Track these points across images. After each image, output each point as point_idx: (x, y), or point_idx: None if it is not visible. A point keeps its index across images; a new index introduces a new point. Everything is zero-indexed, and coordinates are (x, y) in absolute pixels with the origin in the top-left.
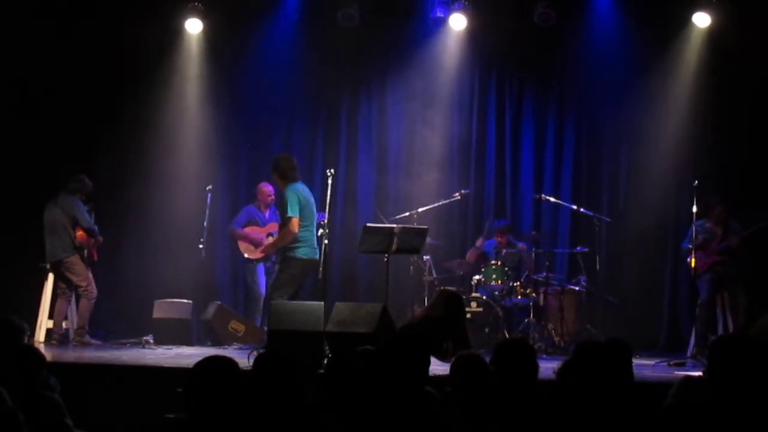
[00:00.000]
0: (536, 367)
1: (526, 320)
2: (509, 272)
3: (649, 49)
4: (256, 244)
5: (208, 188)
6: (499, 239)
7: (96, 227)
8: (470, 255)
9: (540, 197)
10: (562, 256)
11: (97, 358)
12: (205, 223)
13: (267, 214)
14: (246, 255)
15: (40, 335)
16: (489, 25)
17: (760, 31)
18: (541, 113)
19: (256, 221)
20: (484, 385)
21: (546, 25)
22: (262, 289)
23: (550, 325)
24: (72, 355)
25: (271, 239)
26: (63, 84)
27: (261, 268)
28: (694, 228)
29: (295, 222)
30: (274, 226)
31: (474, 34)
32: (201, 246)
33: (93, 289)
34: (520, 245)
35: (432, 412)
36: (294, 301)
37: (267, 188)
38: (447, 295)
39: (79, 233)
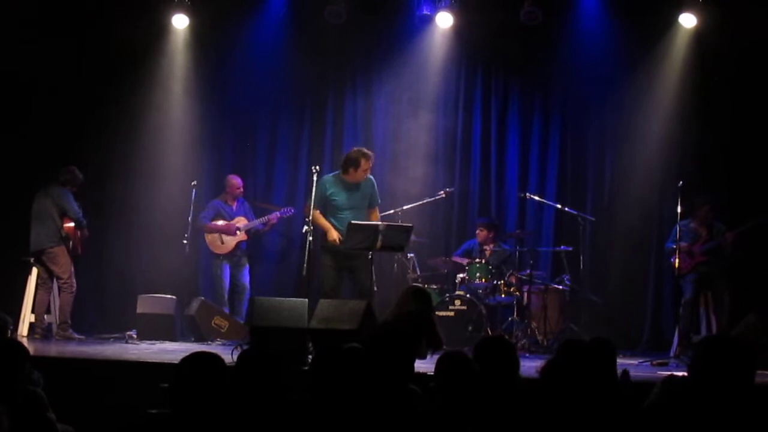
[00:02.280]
0: (517, 363)
1: (509, 319)
2: (493, 270)
3: (635, 49)
4: (231, 233)
5: (193, 184)
6: (480, 232)
7: (84, 220)
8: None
9: (525, 195)
10: (546, 255)
11: (81, 353)
12: (189, 219)
13: (235, 206)
14: (212, 250)
15: (24, 329)
16: (475, 23)
17: (746, 32)
18: (526, 112)
19: (222, 215)
20: (468, 381)
21: (532, 23)
22: (227, 283)
23: (534, 324)
24: (55, 349)
25: (239, 233)
26: (49, 78)
27: (228, 260)
28: (678, 228)
29: None
30: (241, 220)
31: (460, 32)
32: (185, 242)
33: (72, 282)
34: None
35: (416, 408)
36: (278, 298)
37: (236, 180)
38: (414, 290)
39: (67, 225)
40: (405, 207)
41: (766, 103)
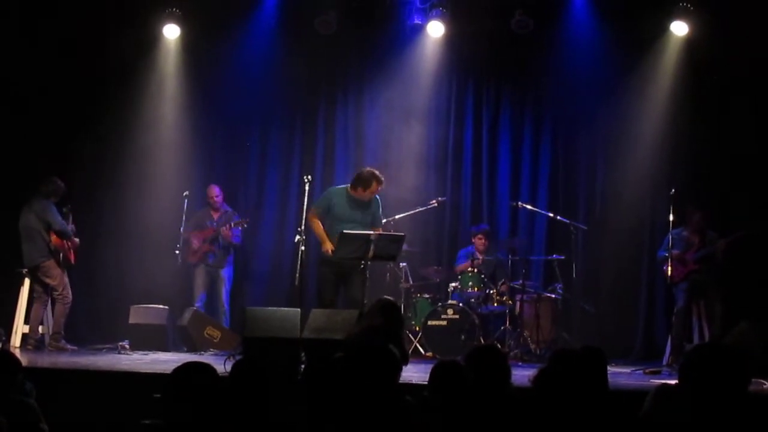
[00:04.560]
0: (508, 372)
1: (502, 328)
2: (485, 279)
3: (627, 57)
4: (191, 244)
5: (184, 194)
6: (479, 240)
7: (69, 229)
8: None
9: (516, 204)
10: (538, 264)
11: (73, 363)
12: (181, 229)
13: (216, 216)
14: (186, 258)
15: (16, 340)
16: (466, 32)
17: (738, 40)
18: (518, 120)
19: (201, 225)
20: (462, 390)
21: (523, 32)
22: (198, 291)
23: (526, 333)
24: (47, 360)
25: (203, 245)
26: (40, 89)
27: (200, 270)
28: (670, 236)
29: None
30: (210, 232)
31: (451, 41)
32: (177, 252)
33: (68, 293)
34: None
35: (410, 419)
36: (270, 308)
37: (210, 190)
38: (382, 303)
39: (54, 237)
40: (397, 216)
41: (758, 111)
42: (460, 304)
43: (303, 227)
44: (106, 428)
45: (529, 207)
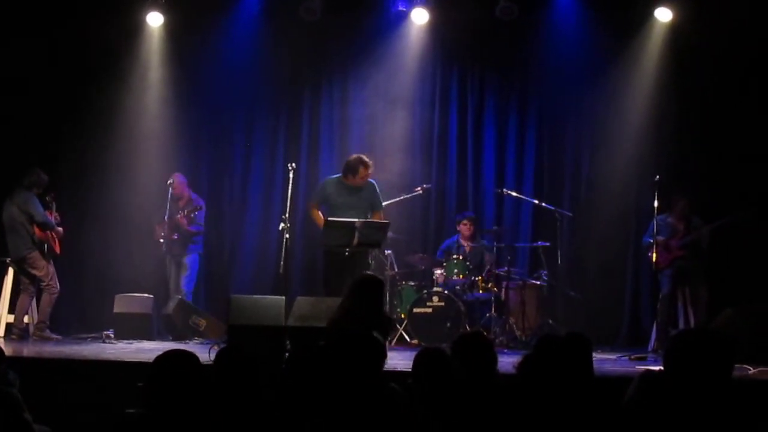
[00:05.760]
0: (495, 359)
1: (487, 315)
2: (471, 266)
3: (611, 44)
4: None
5: (168, 182)
6: (464, 226)
7: (51, 220)
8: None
9: (502, 191)
10: (524, 251)
11: (57, 353)
12: (165, 218)
13: (182, 205)
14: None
15: (0, 330)
16: (451, 19)
17: (722, 26)
18: (503, 107)
19: (170, 215)
20: (447, 377)
21: (508, 19)
22: (168, 280)
23: (512, 320)
24: (32, 349)
25: (167, 234)
26: (24, 77)
27: (168, 260)
28: (655, 222)
29: None
30: (174, 221)
31: (436, 29)
32: (162, 240)
33: (55, 283)
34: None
35: (395, 406)
36: (255, 296)
37: (174, 179)
38: (356, 283)
39: (38, 229)
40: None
41: (742, 97)
42: (446, 292)
43: (287, 215)
44: (91, 418)
45: (514, 194)
